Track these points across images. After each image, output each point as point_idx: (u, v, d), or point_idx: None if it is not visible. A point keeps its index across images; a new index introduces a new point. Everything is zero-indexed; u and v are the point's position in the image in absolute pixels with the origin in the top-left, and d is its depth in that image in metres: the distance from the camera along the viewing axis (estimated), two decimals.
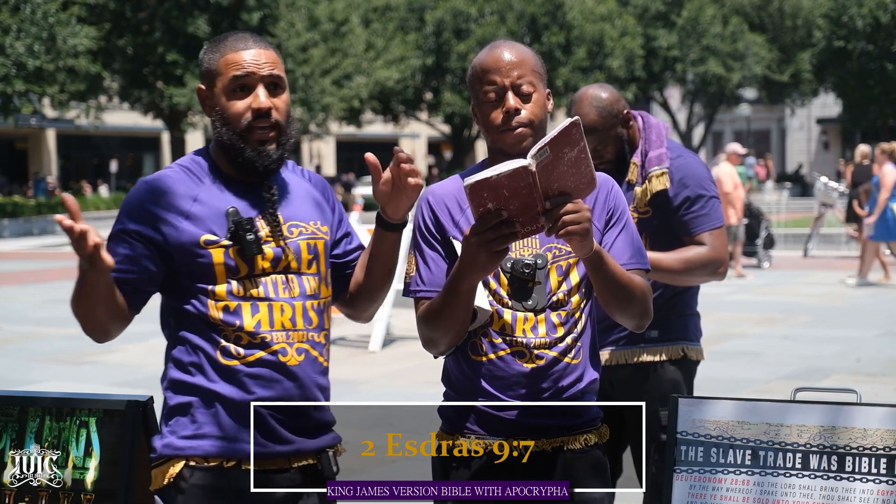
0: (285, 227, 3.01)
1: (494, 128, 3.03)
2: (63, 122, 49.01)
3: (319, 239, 3.06)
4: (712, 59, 51.70)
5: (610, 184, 3.13)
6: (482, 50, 3.11)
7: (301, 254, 3.01)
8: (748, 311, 14.41)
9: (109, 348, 10.95)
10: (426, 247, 3.10)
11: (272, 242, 2.98)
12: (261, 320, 2.95)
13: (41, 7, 32.25)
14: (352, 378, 10.27)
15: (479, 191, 2.63)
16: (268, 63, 2.99)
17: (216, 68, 3.00)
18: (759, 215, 20.11)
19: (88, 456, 3.26)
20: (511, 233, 2.70)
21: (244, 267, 2.95)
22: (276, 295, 2.97)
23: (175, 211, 2.97)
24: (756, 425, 2.95)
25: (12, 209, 37.51)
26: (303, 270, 3.01)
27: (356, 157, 66.36)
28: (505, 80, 3.00)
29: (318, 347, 3.02)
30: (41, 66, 32.21)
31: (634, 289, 3.00)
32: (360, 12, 45.61)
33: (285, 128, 3.01)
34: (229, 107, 2.98)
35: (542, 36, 47.24)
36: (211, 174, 3.04)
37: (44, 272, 21.93)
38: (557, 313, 3.03)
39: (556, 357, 3.03)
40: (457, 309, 2.93)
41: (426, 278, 3.07)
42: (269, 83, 2.99)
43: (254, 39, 3.01)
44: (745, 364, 10.59)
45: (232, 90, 2.97)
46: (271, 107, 2.97)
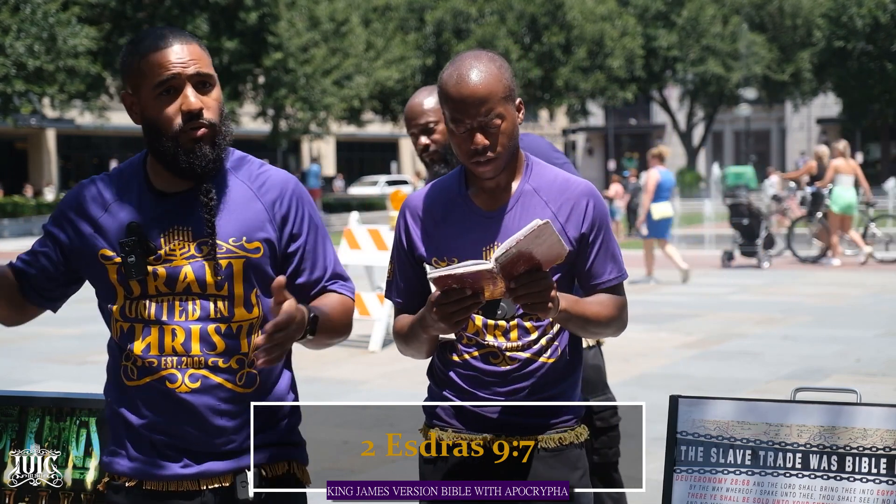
0: (194, 245, 2.81)
1: (463, 156, 3.01)
2: (63, 122, 49.06)
3: (238, 258, 2.81)
4: (712, 58, 51.72)
5: (586, 197, 3.09)
6: (450, 67, 3.00)
7: (205, 275, 2.79)
8: (748, 310, 14.41)
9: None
10: (399, 261, 3.16)
11: (174, 261, 2.80)
12: (150, 344, 2.81)
13: (41, 7, 32.24)
14: (352, 378, 10.27)
15: (445, 280, 2.69)
16: (193, 60, 2.78)
17: (138, 71, 2.79)
18: (759, 215, 20.10)
19: (88, 456, 3.26)
20: (473, 303, 2.75)
21: (136, 287, 2.82)
22: (170, 318, 2.80)
23: (84, 218, 2.89)
24: (756, 425, 2.95)
25: (12, 209, 37.50)
26: (209, 292, 2.79)
27: (356, 157, 66.38)
28: (472, 120, 2.94)
29: (222, 373, 2.81)
30: (41, 66, 32.22)
31: (607, 318, 3.07)
32: (360, 12, 45.60)
33: (219, 126, 2.82)
34: (158, 111, 2.78)
35: (542, 36, 47.25)
36: (138, 183, 2.89)
37: None
38: (530, 319, 3.05)
39: (529, 357, 3.05)
40: (420, 345, 3.06)
41: (398, 291, 3.17)
42: (197, 82, 2.79)
43: (174, 35, 2.81)
44: (745, 364, 10.59)
45: (158, 94, 2.78)
46: (202, 107, 2.78)
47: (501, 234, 3.01)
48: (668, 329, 12.78)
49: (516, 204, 3.04)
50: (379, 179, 59.94)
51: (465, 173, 3.11)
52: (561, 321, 2.96)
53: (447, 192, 3.11)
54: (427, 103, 4.35)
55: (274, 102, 41.37)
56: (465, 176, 3.11)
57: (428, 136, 4.34)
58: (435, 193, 3.12)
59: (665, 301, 15.25)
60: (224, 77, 38.84)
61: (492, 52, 3.07)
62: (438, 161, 4.34)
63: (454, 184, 3.12)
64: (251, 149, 15.27)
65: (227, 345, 2.82)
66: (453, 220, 3.06)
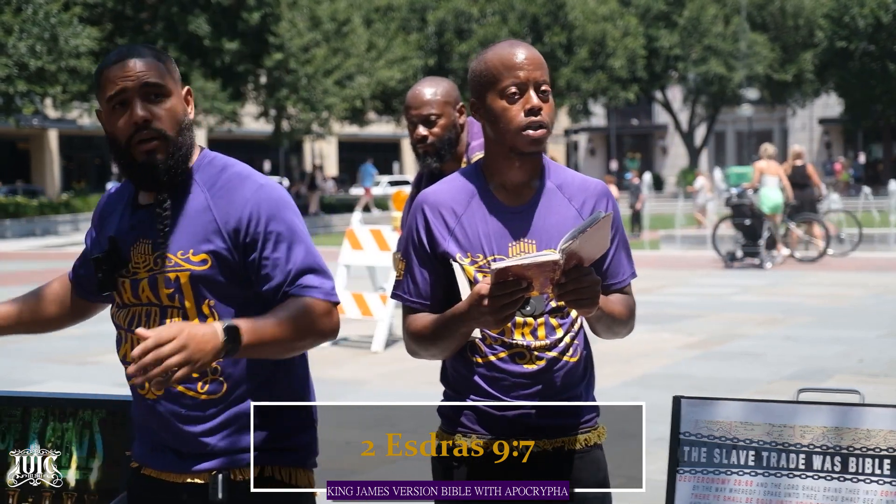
0: (152, 258, 2.88)
1: (513, 127, 2.95)
2: (65, 122, 49.09)
3: (184, 271, 2.84)
4: (714, 58, 51.74)
5: (605, 197, 3.08)
6: (491, 48, 3.03)
7: (158, 288, 2.86)
8: (750, 311, 14.41)
9: (111, 349, 10.94)
10: (416, 258, 3.06)
11: (138, 274, 2.89)
12: (126, 351, 2.93)
13: (43, 7, 32.26)
14: (353, 378, 10.27)
15: (505, 272, 2.65)
16: (142, 72, 2.81)
17: (99, 87, 2.88)
18: (761, 216, 20.10)
19: (92, 456, 3.26)
20: (523, 297, 2.71)
21: (118, 297, 2.95)
22: (135, 328, 2.86)
23: (95, 227, 3.09)
24: (760, 426, 2.95)
25: (15, 210, 37.53)
26: (164, 304, 2.86)
27: (358, 157, 66.39)
28: (529, 75, 2.95)
29: (184, 382, 2.83)
30: (43, 66, 32.24)
31: (626, 317, 3.07)
32: (361, 12, 45.62)
33: (171, 136, 2.83)
34: (112, 124, 2.85)
35: (544, 36, 47.26)
36: (128, 194, 3.02)
37: (46, 272, 21.92)
38: (556, 316, 3.03)
39: (556, 357, 3.01)
40: (450, 343, 2.96)
41: (413, 290, 3.06)
42: (146, 93, 2.82)
43: (130, 51, 2.86)
44: (748, 364, 10.58)
45: (112, 108, 2.84)
46: (148, 117, 2.80)
47: (530, 229, 2.98)
48: (670, 329, 12.78)
49: (540, 200, 3.02)
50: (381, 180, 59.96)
51: (483, 168, 3.08)
52: (593, 318, 2.95)
53: (467, 187, 3.06)
54: (429, 94, 4.34)
55: (276, 103, 41.39)
56: (483, 171, 3.08)
57: (427, 127, 4.34)
58: (453, 188, 3.07)
59: (667, 301, 15.24)
60: (225, 77, 38.87)
61: None
62: (432, 154, 4.34)
63: (474, 178, 3.07)
64: (253, 149, 15.29)
65: None
66: (476, 214, 3.01)
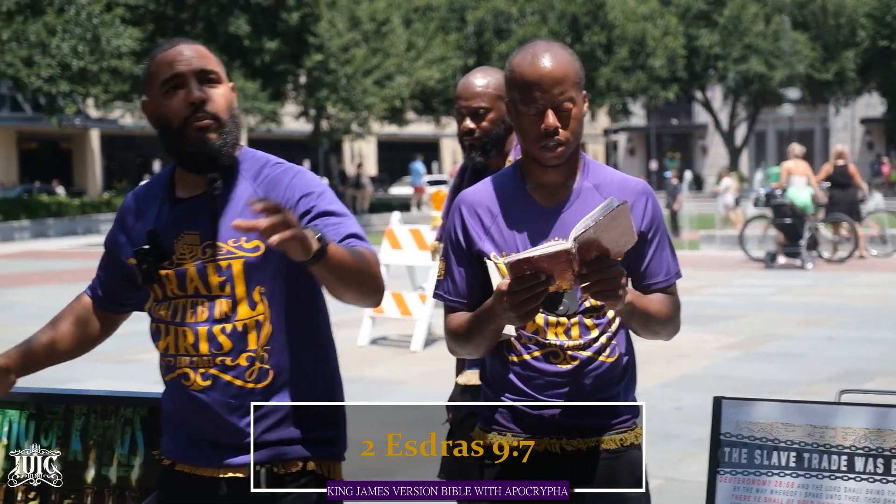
0: (200, 249, 2.91)
1: (531, 141, 2.97)
2: (107, 122, 49.43)
3: (237, 258, 2.89)
4: (754, 57, 51.46)
5: (644, 196, 3.07)
6: (522, 51, 3.00)
7: (208, 278, 2.89)
8: (791, 312, 14.32)
9: (152, 347, 11.01)
10: (454, 258, 3.09)
11: (184, 264, 2.91)
12: (168, 344, 2.95)
13: (85, 8, 32.50)
14: (391, 378, 10.29)
15: (520, 265, 2.64)
16: (196, 57, 2.91)
17: (149, 75, 2.95)
18: (803, 216, 19.97)
19: (133, 454, 3.28)
20: (544, 290, 2.70)
21: (158, 290, 2.97)
22: (182, 319, 2.92)
23: (122, 228, 3.09)
24: (801, 427, 2.93)
25: (57, 209, 37.83)
26: (214, 293, 2.89)
27: (397, 157, 66.50)
28: (546, 97, 2.92)
29: (231, 371, 2.89)
30: (85, 66, 32.48)
31: (666, 317, 3.02)
32: (401, 12, 45.67)
33: (225, 120, 2.90)
34: (165, 107, 2.90)
35: (584, 36, 47.16)
36: (163, 191, 3.03)
37: (87, 271, 22.00)
38: (590, 316, 3.02)
39: (590, 357, 3.01)
40: (483, 340, 2.98)
41: (452, 289, 3.09)
42: (200, 78, 2.90)
43: (181, 40, 2.96)
44: (788, 365, 10.52)
45: (165, 91, 2.90)
46: (205, 97, 2.88)
47: (564, 229, 2.96)
48: (710, 330, 12.72)
49: (576, 200, 3.01)
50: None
51: (521, 169, 3.09)
52: (625, 315, 2.91)
53: (504, 187, 3.07)
54: (480, 86, 4.21)
55: (315, 102, 41.50)
56: (521, 172, 3.09)
57: (475, 121, 4.21)
58: (491, 189, 3.08)
59: (707, 302, 15.17)
60: (265, 77, 39.01)
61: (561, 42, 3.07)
62: (478, 148, 4.22)
63: (511, 179, 3.09)
64: (292, 149, 15.40)
65: (233, 343, 2.89)
66: (511, 214, 3.02)
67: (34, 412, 3.37)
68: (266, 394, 2.91)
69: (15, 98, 49.59)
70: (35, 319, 16.07)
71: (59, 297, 19.15)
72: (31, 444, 3.34)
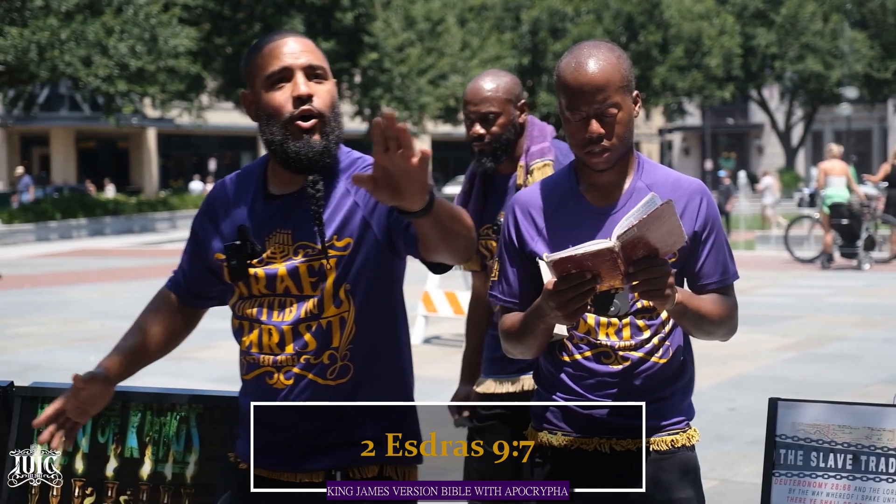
0: (292, 248, 2.86)
1: (577, 146, 2.97)
2: (163, 121, 49.82)
3: (329, 258, 2.84)
4: (811, 56, 51.02)
5: (699, 195, 3.04)
6: (567, 56, 2.98)
7: (300, 277, 2.86)
8: (847, 313, 14.19)
9: (207, 345, 11.10)
10: (507, 258, 3.09)
11: (274, 264, 2.86)
12: (252, 342, 2.90)
13: (143, 9, 32.80)
14: (445, 377, 10.29)
15: (564, 264, 2.63)
16: (304, 52, 2.85)
17: (254, 67, 2.88)
18: (860, 216, 19.78)
19: (188, 451, 3.31)
20: (591, 289, 2.68)
21: (244, 288, 2.91)
22: (268, 318, 2.87)
23: (211, 219, 3.02)
24: (857, 429, 2.90)
25: (114, 207, 38.20)
26: (305, 292, 2.85)
27: (451, 156, 66.56)
28: (589, 108, 2.91)
29: (314, 369, 2.86)
30: (143, 66, 32.78)
31: (720, 317, 2.99)
32: (455, 11, 45.69)
33: (329, 118, 2.84)
34: (270, 101, 2.84)
35: (639, 35, 46.97)
36: (255, 185, 2.98)
37: (144, 269, 22.28)
38: (643, 317, 3.01)
39: (642, 357, 2.99)
40: (534, 340, 2.96)
41: (505, 289, 3.09)
42: (309, 73, 2.85)
43: (289, 33, 2.91)
44: (844, 367, 10.43)
45: (271, 84, 2.84)
46: (312, 93, 2.82)
47: (614, 230, 2.95)
48: (765, 331, 12.63)
49: (629, 201, 2.99)
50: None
51: (575, 169, 3.08)
52: (676, 315, 2.89)
53: (557, 189, 3.07)
54: (490, 90, 4.07)
55: (370, 102, 41.64)
56: (575, 172, 3.08)
57: (485, 126, 4.07)
58: (545, 190, 3.08)
59: (763, 303, 15.07)
60: None
61: (611, 42, 3.04)
62: (488, 154, 4.09)
63: (565, 180, 3.08)
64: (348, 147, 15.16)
65: (317, 342, 2.85)
66: (563, 215, 3.02)
67: None
68: (346, 392, 2.88)
69: (73, 98, 50.11)
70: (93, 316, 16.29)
71: (114, 294, 19.38)
72: (87, 439, 3.38)
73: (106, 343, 13.23)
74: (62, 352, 11.81)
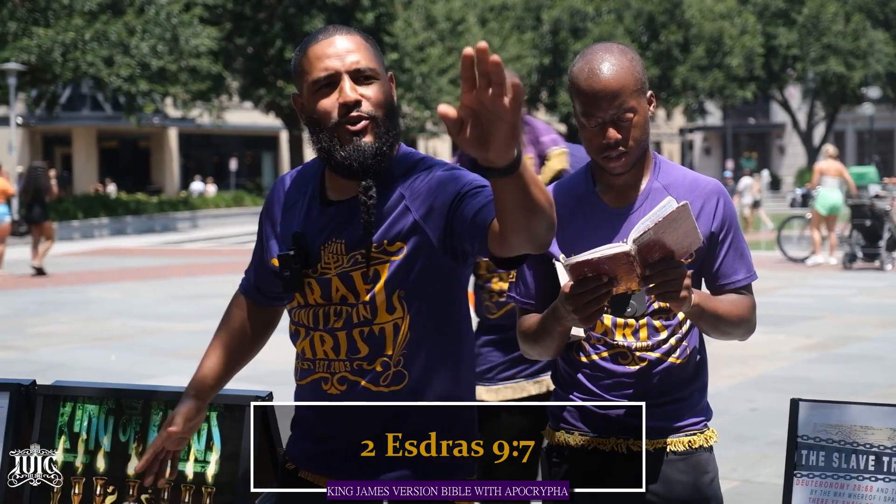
0: (346, 258, 2.77)
1: (594, 151, 2.96)
2: (184, 121, 49.98)
3: (382, 264, 2.73)
4: (833, 57, 50.85)
5: (716, 195, 3.04)
6: (580, 61, 2.96)
7: (355, 285, 2.76)
8: (870, 313, 14.14)
9: None
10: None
11: (328, 274, 2.78)
12: (305, 348, 2.85)
13: (165, 8, 32.91)
14: None
15: (580, 267, 2.63)
16: (352, 52, 2.71)
17: (301, 69, 2.76)
18: (882, 217, 19.69)
19: (209, 450, 3.31)
20: (607, 292, 2.67)
21: (300, 297, 2.84)
22: (322, 325, 2.80)
23: (269, 219, 2.97)
24: (880, 430, 2.89)
25: (136, 207, 38.33)
26: (362, 299, 2.75)
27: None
28: (604, 114, 2.90)
29: (367, 376, 2.78)
30: (164, 66, 32.88)
31: (738, 318, 2.98)
32: (476, 11, 45.73)
33: (381, 119, 2.70)
34: (317, 106, 2.71)
35: (660, 34, 46.89)
36: (312, 188, 2.88)
37: (165, 268, 22.35)
38: (659, 318, 3.01)
39: (659, 358, 3.00)
40: (550, 342, 2.96)
41: (523, 290, 3.09)
42: (355, 76, 2.71)
43: (336, 29, 2.77)
44: (866, 368, 10.39)
45: (318, 89, 2.72)
46: (359, 98, 2.68)
47: (630, 231, 2.94)
48: (786, 331, 12.59)
49: (645, 201, 2.99)
50: None
51: (592, 170, 3.08)
52: (693, 316, 2.89)
53: (575, 189, 3.07)
54: None
55: None
56: (592, 173, 3.08)
57: None
58: (563, 190, 3.08)
59: (784, 303, 15.02)
60: None
61: (623, 44, 3.03)
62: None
63: (582, 181, 3.08)
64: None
65: (370, 348, 2.79)
66: (580, 217, 3.02)
67: (113, 407, 3.41)
68: (399, 398, 2.80)
69: (95, 97, 50.33)
70: (114, 315, 16.32)
71: (136, 293, 19.43)
72: (109, 437, 3.39)
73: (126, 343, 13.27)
74: (84, 351, 11.85)
